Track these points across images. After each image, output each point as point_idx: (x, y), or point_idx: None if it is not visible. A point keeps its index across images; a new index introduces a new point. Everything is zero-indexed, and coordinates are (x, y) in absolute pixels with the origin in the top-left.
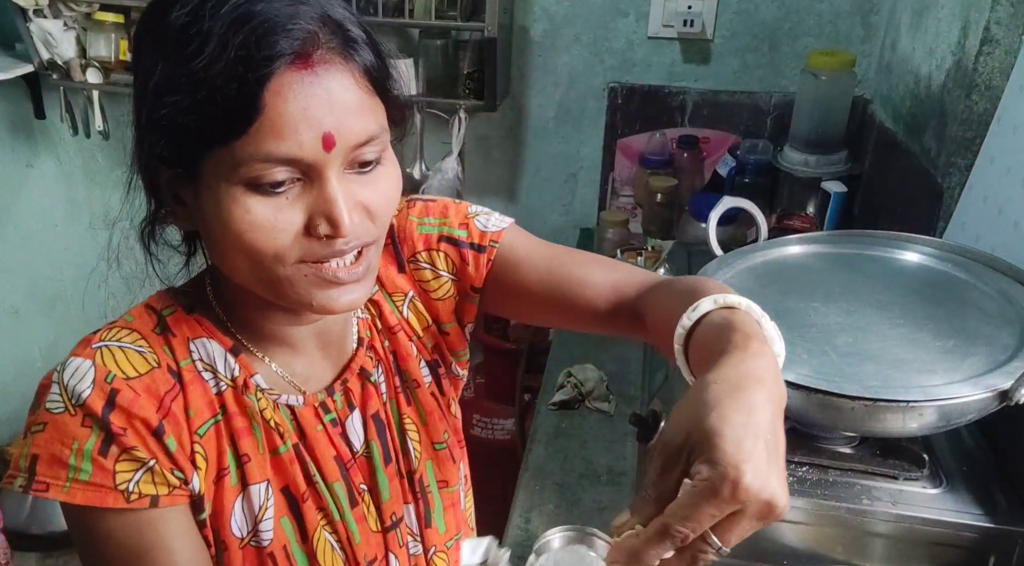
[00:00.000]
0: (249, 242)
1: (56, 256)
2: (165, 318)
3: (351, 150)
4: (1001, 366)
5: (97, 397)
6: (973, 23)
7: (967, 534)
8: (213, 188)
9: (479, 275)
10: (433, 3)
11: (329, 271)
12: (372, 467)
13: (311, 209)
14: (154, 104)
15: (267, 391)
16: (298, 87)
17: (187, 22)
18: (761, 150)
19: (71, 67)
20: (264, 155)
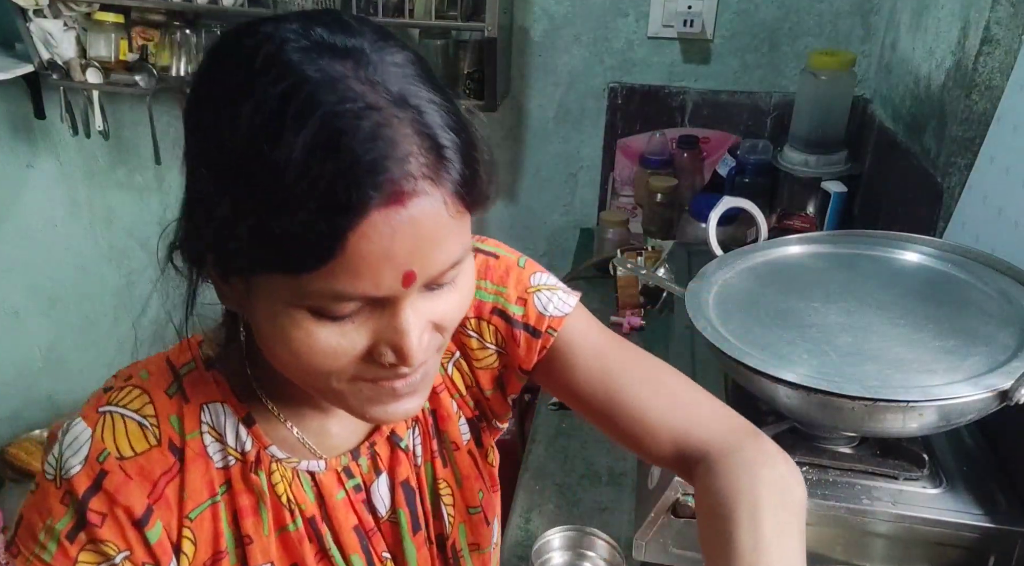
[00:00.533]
0: (306, 362)
1: (56, 256)
2: (182, 378)
3: (430, 280)
4: (1001, 366)
5: (84, 476)
6: (973, 23)
7: (967, 534)
8: (270, 303)
9: (529, 359)
10: (433, 3)
11: (387, 387)
12: (399, 535)
13: (377, 335)
14: (211, 213)
15: (284, 460)
16: (384, 227)
17: (264, 125)
18: (761, 150)
19: (71, 67)
20: (336, 293)
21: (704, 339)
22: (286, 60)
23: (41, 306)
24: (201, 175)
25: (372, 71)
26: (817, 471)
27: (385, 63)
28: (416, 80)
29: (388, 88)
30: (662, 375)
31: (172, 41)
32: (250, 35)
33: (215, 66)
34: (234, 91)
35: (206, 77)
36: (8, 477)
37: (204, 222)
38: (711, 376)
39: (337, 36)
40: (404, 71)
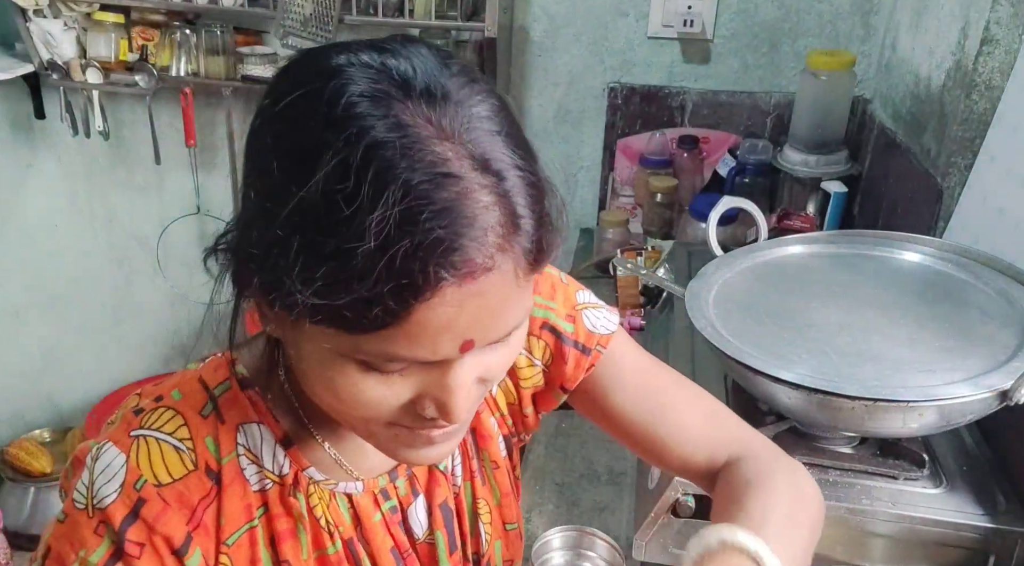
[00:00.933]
0: (347, 406)
1: (56, 256)
2: (217, 398)
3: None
4: (1001, 366)
5: (121, 505)
6: (973, 23)
7: (967, 534)
8: (319, 347)
9: (575, 377)
10: (433, 3)
11: (423, 435)
12: (435, 556)
13: (423, 389)
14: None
15: (322, 482)
16: (451, 300)
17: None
18: (761, 150)
19: (71, 67)
20: (390, 356)
21: (704, 339)
22: (364, 113)
23: (41, 306)
24: (263, 208)
25: (458, 127)
26: (817, 471)
27: (472, 117)
28: (500, 138)
29: (472, 150)
30: (702, 397)
31: (172, 41)
32: (321, 72)
33: (285, 102)
34: (307, 140)
35: (277, 115)
36: (8, 477)
37: (261, 257)
38: (711, 376)
39: (421, 76)
40: (490, 127)
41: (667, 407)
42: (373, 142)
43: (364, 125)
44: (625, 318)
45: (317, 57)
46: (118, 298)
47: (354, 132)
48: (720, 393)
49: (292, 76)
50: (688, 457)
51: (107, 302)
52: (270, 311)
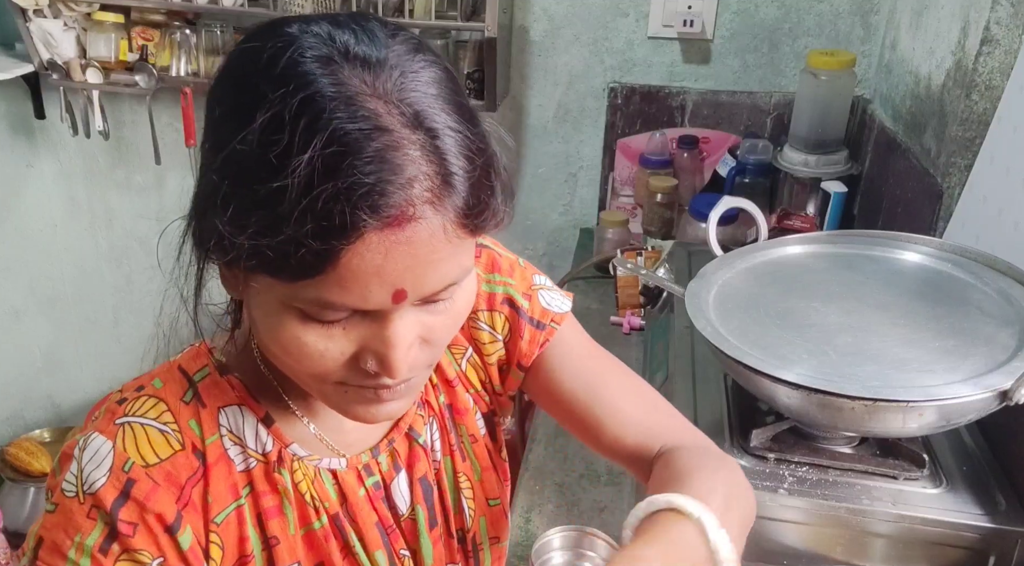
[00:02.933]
0: (294, 360)
1: (56, 256)
2: (196, 384)
3: (423, 298)
4: (1001, 366)
5: (111, 487)
6: (973, 23)
7: (967, 534)
8: (264, 299)
9: (530, 353)
10: (433, 3)
11: (370, 392)
12: (416, 531)
13: (364, 342)
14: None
15: (306, 458)
16: (378, 247)
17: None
18: (761, 150)
19: (71, 67)
20: (324, 302)
21: (704, 339)
22: (304, 71)
23: (41, 306)
24: (211, 172)
25: (392, 88)
26: (817, 471)
27: (408, 80)
28: (437, 100)
29: (405, 108)
30: (643, 386)
31: (172, 41)
32: (273, 36)
33: (236, 65)
34: (250, 96)
35: (227, 74)
36: (8, 477)
37: (209, 216)
38: (711, 376)
39: (363, 45)
40: (427, 90)
41: (607, 390)
42: (307, 95)
43: (301, 81)
44: (625, 318)
45: (273, 24)
46: (118, 298)
47: (291, 87)
48: (720, 393)
49: (248, 40)
50: (621, 439)
51: (107, 302)
52: (228, 271)
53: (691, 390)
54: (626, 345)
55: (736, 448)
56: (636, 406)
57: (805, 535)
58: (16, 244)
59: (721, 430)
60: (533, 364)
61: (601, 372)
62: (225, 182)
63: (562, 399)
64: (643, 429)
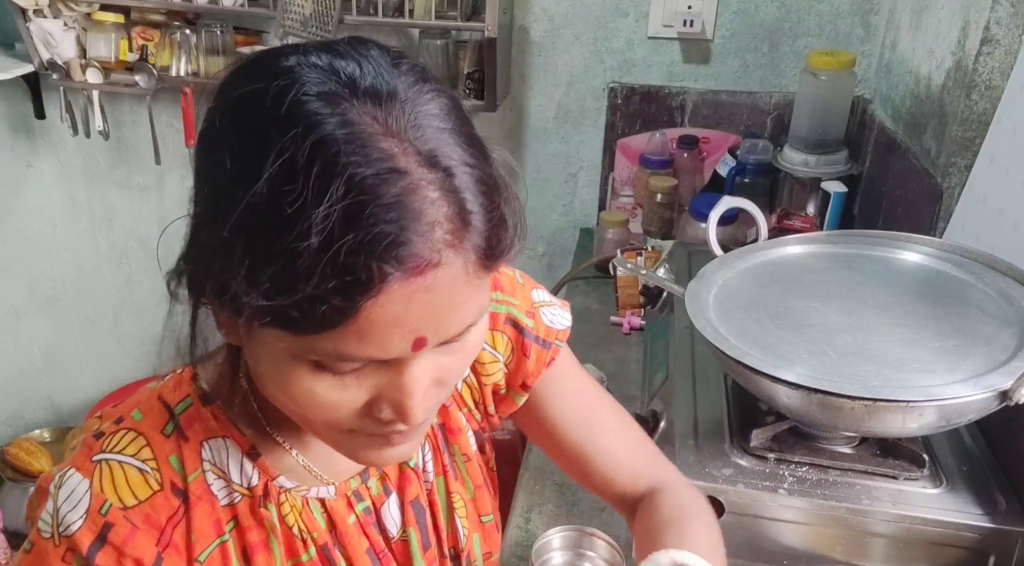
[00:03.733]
0: (305, 409)
1: (56, 256)
2: (178, 416)
3: (442, 342)
4: (1001, 366)
5: (87, 531)
6: (973, 23)
7: (967, 534)
8: (272, 350)
9: (536, 372)
10: (433, 3)
11: (381, 437)
12: (409, 554)
13: (379, 391)
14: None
15: (293, 490)
16: (399, 296)
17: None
18: (761, 150)
19: (71, 67)
20: (341, 355)
21: (704, 339)
22: (311, 111)
23: (41, 306)
24: (213, 222)
25: (405, 124)
26: (817, 471)
27: (420, 114)
28: (450, 135)
29: (419, 146)
30: (631, 424)
31: (172, 41)
32: (270, 73)
33: (234, 104)
34: (255, 140)
35: (224, 115)
36: (8, 477)
37: (210, 259)
38: (711, 376)
39: (369, 77)
40: (439, 125)
41: (600, 428)
42: (318, 139)
43: (310, 123)
44: (625, 318)
45: (267, 57)
46: (118, 298)
47: (300, 130)
48: (720, 393)
49: (241, 77)
50: (610, 483)
51: (107, 302)
52: (225, 316)
53: (691, 390)
54: (626, 345)
55: (736, 448)
56: (626, 447)
57: (805, 535)
58: (16, 244)
59: (721, 430)
60: (536, 386)
61: (592, 408)
62: (233, 235)
63: (554, 432)
64: (631, 471)
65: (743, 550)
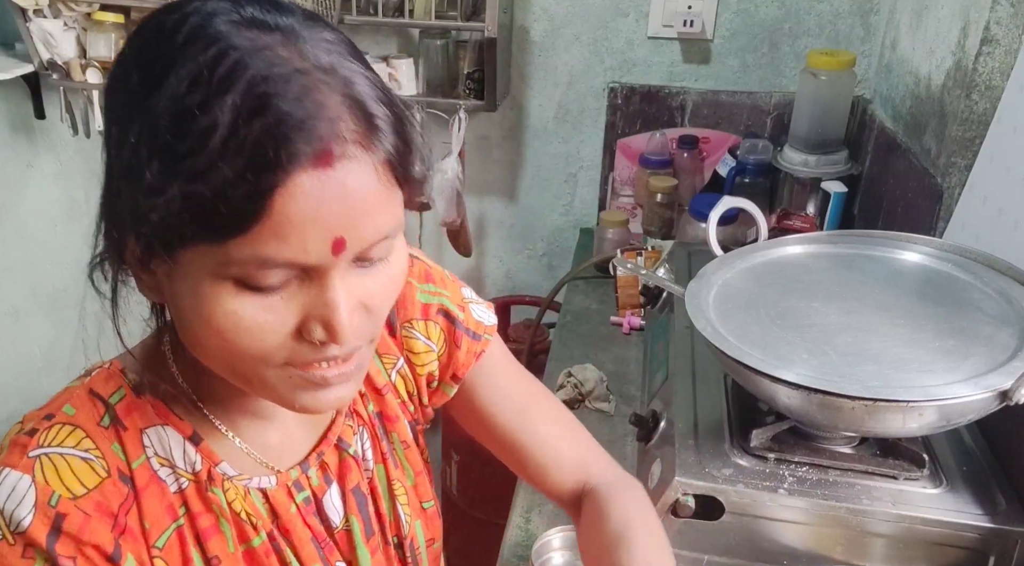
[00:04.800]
0: (231, 342)
1: (56, 256)
2: (113, 407)
3: (361, 251)
4: (1001, 366)
5: (40, 524)
6: (973, 23)
7: (967, 534)
8: (194, 279)
9: (467, 363)
10: (433, 3)
11: (317, 374)
12: (352, 542)
13: (307, 311)
14: (136, 184)
15: (235, 478)
16: (311, 188)
17: (192, 89)
18: (761, 150)
19: (71, 67)
20: (262, 259)
21: (704, 339)
22: (214, 31)
23: (41, 306)
24: (124, 151)
25: (302, 43)
26: (817, 471)
27: (315, 39)
28: (347, 56)
29: (317, 59)
30: (563, 411)
31: None
32: (176, 11)
33: (139, 43)
34: (161, 61)
35: (130, 55)
36: None
37: (128, 198)
38: (711, 376)
39: (268, 14)
40: (335, 47)
41: (533, 417)
42: (222, 48)
43: (213, 39)
44: (625, 318)
45: (170, 5)
46: None
47: (202, 43)
48: (720, 393)
49: (145, 25)
50: (546, 468)
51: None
52: (146, 273)
53: (691, 390)
54: (626, 345)
55: (736, 448)
56: (559, 437)
57: (805, 535)
58: (16, 244)
59: (721, 430)
60: (465, 379)
61: (528, 398)
62: (143, 148)
63: (488, 422)
64: (565, 460)
65: (743, 550)
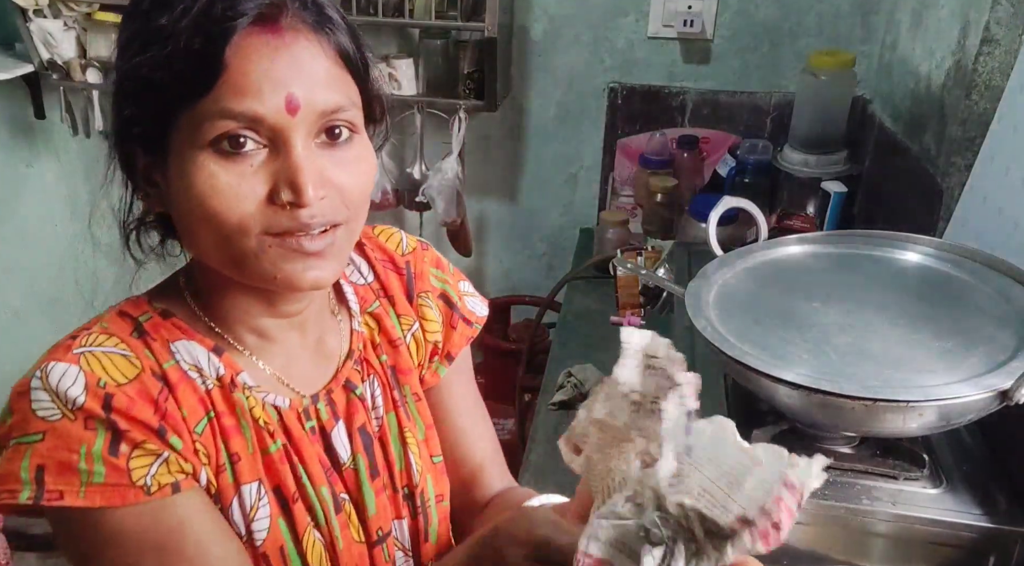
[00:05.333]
0: (212, 208)
1: (56, 256)
2: (142, 323)
3: (317, 118)
4: (1001, 366)
5: (94, 401)
6: (973, 23)
7: (967, 534)
8: (180, 157)
9: (459, 345)
10: (433, 3)
11: (292, 242)
12: (358, 480)
13: (275, 177)
14: (122, 64)
15: (254, 388)
16: (262, 49)
17: None
18: (761, 150)
19: (71, 67)
20: (226, 111)
21: (704, 339)
22: None
23: (41, 306)
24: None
25: None
26: None
27: None
28: None
29: None
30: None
31: None
32: None
33: None
34: None
35: None
36: None
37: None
38: (711, 376)
39: None
40: None
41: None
42: None
43: None
44: (625, 318)
45: None
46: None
47: None
48: (720, 393)
49: None
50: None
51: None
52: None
53: None
54: None
55: None
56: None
57: (805, 535)
58: (16, 244)
59: None
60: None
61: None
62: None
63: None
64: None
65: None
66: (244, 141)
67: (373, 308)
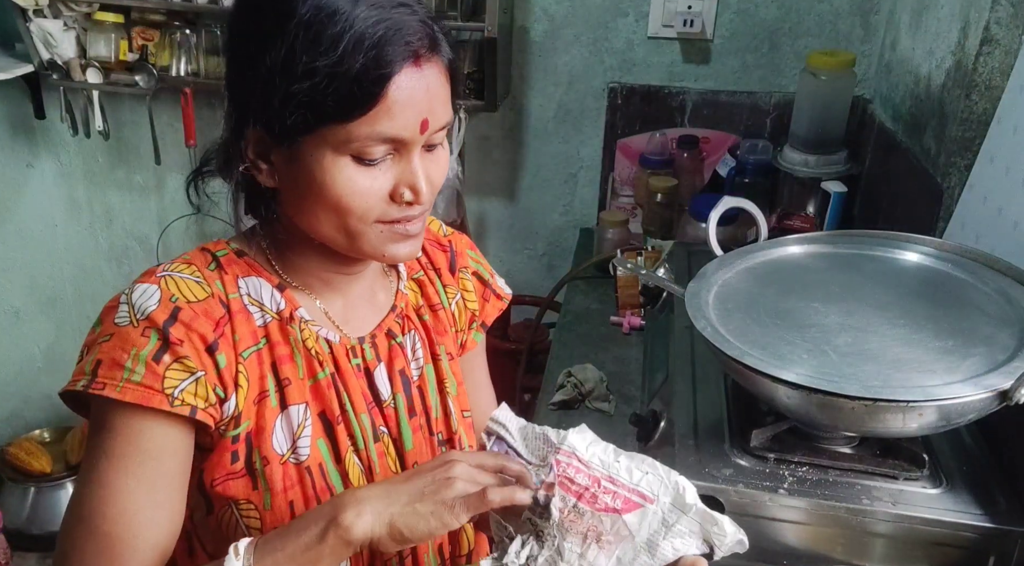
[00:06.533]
0: (346, 204)
1: (56, 256)
2: (219, 258)
3: (435, 132)
4: (1001, 366)
5: (161, 311)
6: (973, 23)
7: (967, 534)
8: (317, 156)
9: (491, 315)
10: (433, 3)
11: (400, 228)
12: (397, 418)
13: (397, 179)
14: (275, 81)
15: (310, 322)
16: (409, 82)
17: (322, 9)
18: (761, 150)
19: (71, 67)
20: (376, 134)
21: (704, 339)
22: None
23: (41, 306)
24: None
25: None
26: (817, 471)
27: None
28: None
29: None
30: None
31: (172, 41)
32: None
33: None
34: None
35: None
36: (8, 477)
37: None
38: (711, 376)
39: None
40: None
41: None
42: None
43: None
44: (625, 318)
45: None
46: None
47: None
48: (720, 393)
49: None
50: None
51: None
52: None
53: (691, 390)
54: (626, 345)
55: (736, 448)
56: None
57: (805, 535)
58: (16, 244)
59: (721, 430)
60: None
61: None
62: (285, 55)
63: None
64: None
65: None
66: (380, 155)
67: (418, 275)
